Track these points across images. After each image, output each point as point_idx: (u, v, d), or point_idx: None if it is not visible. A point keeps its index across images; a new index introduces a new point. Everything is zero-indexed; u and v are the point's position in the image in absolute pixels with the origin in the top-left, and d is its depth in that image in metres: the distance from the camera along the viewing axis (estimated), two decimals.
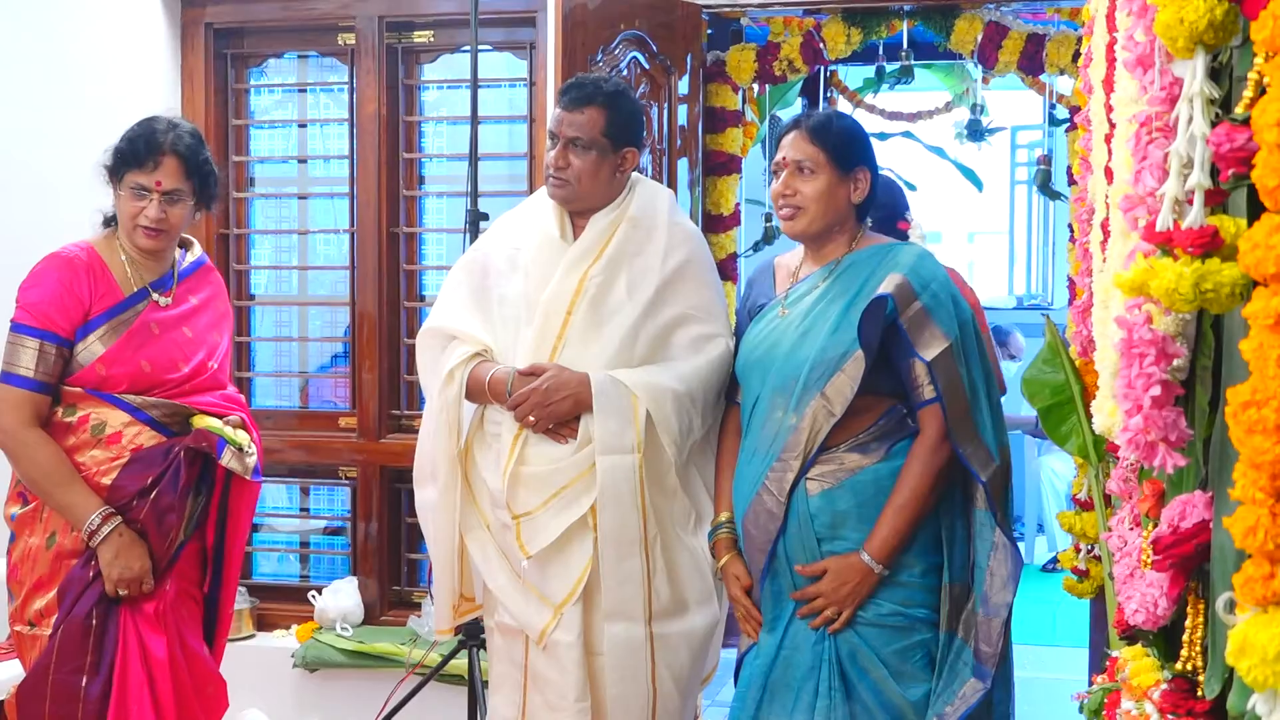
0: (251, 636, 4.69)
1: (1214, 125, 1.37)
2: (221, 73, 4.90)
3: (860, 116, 7.60)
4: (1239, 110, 1.32)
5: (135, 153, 3.05)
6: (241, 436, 3.13)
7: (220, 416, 3.14)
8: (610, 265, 2.98)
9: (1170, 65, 1.51)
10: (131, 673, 3.00)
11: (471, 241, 3.66)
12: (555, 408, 2.89)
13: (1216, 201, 1.43)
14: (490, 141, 4.73)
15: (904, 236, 3.80)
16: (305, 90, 5.09)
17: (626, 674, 2.92)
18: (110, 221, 3.17)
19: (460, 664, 3.97)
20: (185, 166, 3.07)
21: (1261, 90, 1.24)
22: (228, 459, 3.08)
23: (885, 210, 3.73)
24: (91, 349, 3.03)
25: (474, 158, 3.94)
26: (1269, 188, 1.14)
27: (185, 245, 3.27)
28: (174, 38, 4.82)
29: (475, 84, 3.98)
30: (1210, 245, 1.36)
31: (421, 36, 4.77)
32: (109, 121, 3.46)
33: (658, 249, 3.01)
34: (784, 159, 2.83)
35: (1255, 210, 1.25)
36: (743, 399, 2.92)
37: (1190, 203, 1.43)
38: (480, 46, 4.04)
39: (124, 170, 3.06)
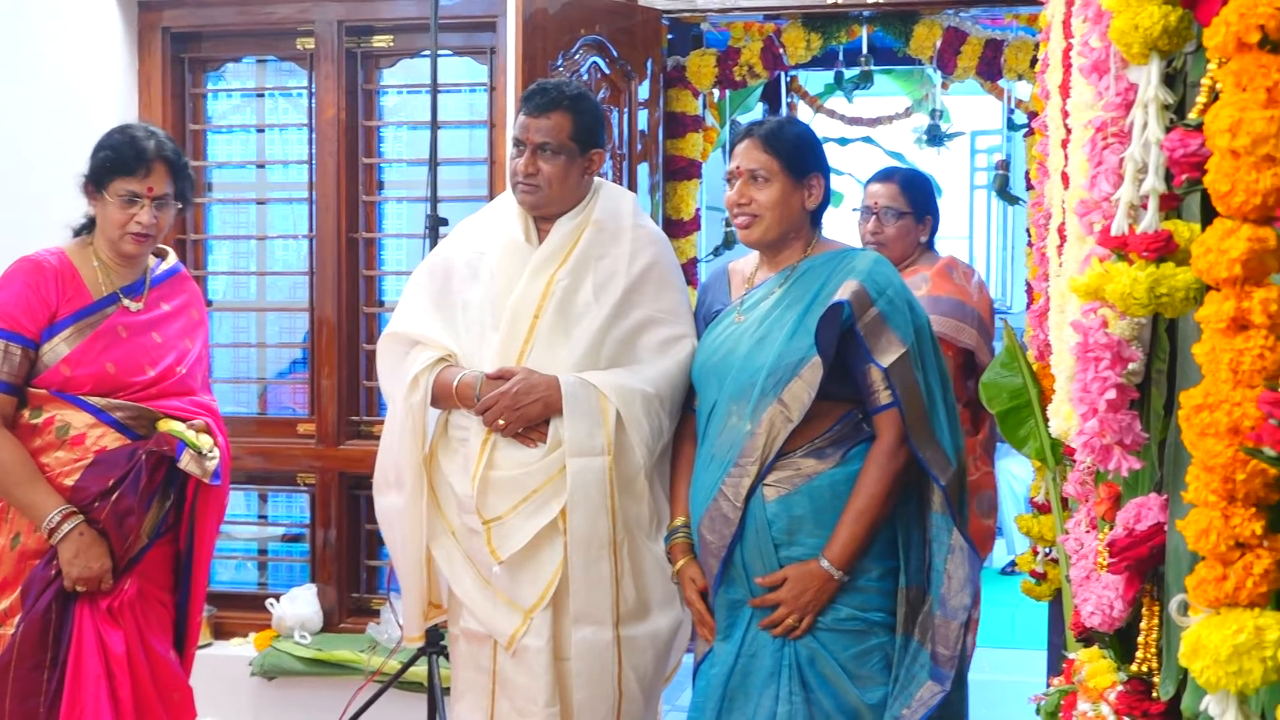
0: (209, 645, 4.66)
1: (1168, 130, 1.39)
2: (179, 77, 4.87)
3: (820, 121, 7.64)
4: (1192, 116, 1.33)
5: (124, 160, 3.07)
6: (203, 440, 3.13)
7: (185, 420, 3.14)
8: (577, 268, 2.97)
9: (1125, 71, 1.52)
10: (87, 666, 3.00)
11: (431, 246, 3.65)
12: (525, 411, 2.87)
13: (1170, 206, 1.44)
14: (450, 146, 4.71)
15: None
16: (264, 95, 5.05)
17: (594, 677, 2.91)
18: (80, 232, 3.17)
19: (419, 671, 3.96)
20: (172, 171, 3.12)
21: (1214, 96, 1.25)
22: (185, 462, 3.08)
23: (936, 218, 3.88)
24: (57, 350, 3.04)
25: (434, 163, 3.93)
26: (1221, 193, 1.15)
27: (160, 254, 3.30)
28: (131, 42, 4.78)
29: (435, 89, 3.97)
30: (1164, 250, 1.37)
31: (381, 41, 4.75)
32: (66, 125, 3.44)
33: (623, 252, 3.01)
34: (737, 168, 2.83)
35: (1208, 215, 1.26)
36: (699, 405, 2.91)
37: (1145, 207, 1.44)
38: (440, 51, 4.03)
39: (111, 178, 3.07)
